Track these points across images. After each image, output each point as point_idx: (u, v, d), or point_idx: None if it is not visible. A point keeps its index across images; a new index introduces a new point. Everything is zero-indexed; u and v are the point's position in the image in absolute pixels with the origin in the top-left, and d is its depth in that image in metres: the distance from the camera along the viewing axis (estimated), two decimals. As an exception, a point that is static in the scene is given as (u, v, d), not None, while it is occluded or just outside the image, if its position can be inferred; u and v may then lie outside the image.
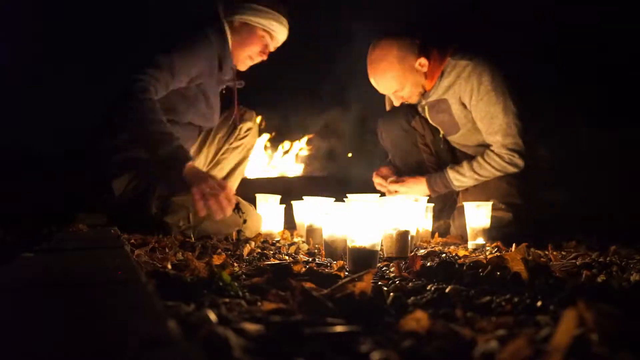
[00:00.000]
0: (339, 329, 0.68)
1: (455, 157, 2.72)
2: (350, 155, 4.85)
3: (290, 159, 4.58)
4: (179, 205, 2.20)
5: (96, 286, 0.86)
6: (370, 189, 2.68)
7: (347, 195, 1.68)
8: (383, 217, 1.59)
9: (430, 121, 2.67)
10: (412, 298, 0.95)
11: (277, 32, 2.47)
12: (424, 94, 2.56)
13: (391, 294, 0.97)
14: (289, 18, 2.50)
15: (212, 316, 0.71)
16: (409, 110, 2.72)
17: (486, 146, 2.51)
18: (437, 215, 2.60)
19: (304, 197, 2.19)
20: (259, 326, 0.68)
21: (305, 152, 4.63)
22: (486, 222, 2.13)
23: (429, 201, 2.33)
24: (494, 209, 2.22)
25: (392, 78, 2.48)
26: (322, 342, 0.64)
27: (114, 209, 2.28)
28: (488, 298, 0.92)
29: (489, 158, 2.46)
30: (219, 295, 0.91)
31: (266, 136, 4.62)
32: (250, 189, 2.70)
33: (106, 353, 0.51)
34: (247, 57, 2.52)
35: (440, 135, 2.69)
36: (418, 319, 0.69)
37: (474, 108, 2.48)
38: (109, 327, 0.60)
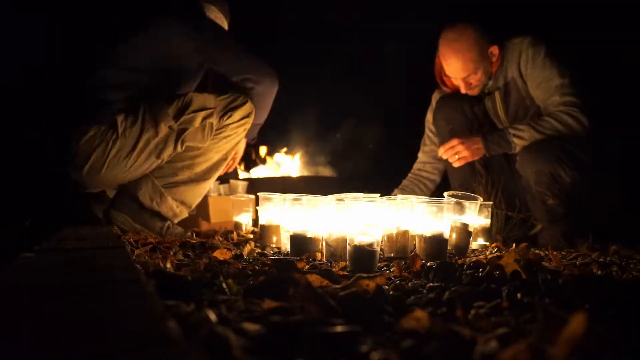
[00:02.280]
0: (339, 329, 0.68)
1: (505, 156, 2.69)
2: (338, 136, 4.78)
3: (291, 160, 4.56)
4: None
5: (96, 286, 0.86)
6: (372, 188, 2.66)
7: (348, 194, 1.68)
8: (383, 216, 1.58)
9: (504, 113, 2.62)
10: (411, 297, 0.95)
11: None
12: (490, 77, 2.57)
13: (391, 293, 0.97)
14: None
15: (212, 316, 0.71)
16: (473, 98, 2.69)
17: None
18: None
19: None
20: (259, 326, 0.68)
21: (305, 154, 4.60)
22: (486, 222, 2.13)
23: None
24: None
25: (470, 60, 2.50)
26: (322, 342, 0.64)
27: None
28: (487, 298, 0.92)
29: (549, 114, 2.41)
30: (219, 295, 0.91)
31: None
32: (252, 189, 2.69)
33: (106, 353, 0.52)
34: None
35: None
36: (418, 319, 0.70)
37: (530, 77, 2.48)
38: (109, 327, 0.60)
